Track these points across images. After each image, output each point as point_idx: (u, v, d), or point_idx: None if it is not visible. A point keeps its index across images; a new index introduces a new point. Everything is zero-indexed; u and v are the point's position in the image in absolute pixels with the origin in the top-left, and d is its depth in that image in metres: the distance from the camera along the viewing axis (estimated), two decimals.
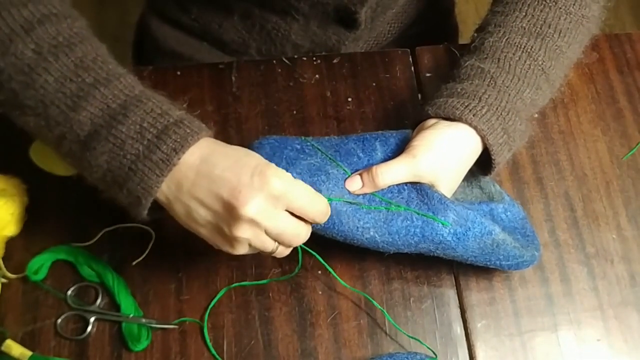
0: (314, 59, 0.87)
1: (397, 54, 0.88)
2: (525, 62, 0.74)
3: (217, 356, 0.70)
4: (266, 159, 0.64)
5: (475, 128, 0.70)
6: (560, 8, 0.77)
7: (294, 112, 0.83)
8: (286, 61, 0.86)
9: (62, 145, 0.64)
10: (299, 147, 0.72)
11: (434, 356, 0.71)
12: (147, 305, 0.72)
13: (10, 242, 0.74)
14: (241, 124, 0.82)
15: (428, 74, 0.87)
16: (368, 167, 0.69)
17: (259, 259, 0.74)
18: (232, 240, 0.62)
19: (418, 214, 0.68)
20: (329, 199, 0.67)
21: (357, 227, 0.67)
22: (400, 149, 0.71)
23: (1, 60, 0.62)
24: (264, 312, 0.73)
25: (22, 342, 0.70)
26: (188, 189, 0.61)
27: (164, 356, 0.70)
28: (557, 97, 0.84)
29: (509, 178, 0.81)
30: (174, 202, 0.62)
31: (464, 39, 1.17)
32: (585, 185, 0.82)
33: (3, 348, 0.69)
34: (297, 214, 0.63)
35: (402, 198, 0.69)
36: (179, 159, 0.61)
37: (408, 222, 0.67)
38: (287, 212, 0.62)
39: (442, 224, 0.67)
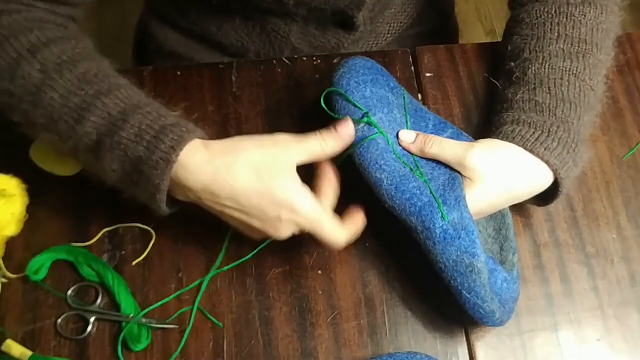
0: (314, 59, 0.87)
1: (397, 54, 0.88)
2: (575, 85, 0.72)
3: (217, 356, 0.70)
4: (354, 73, 0.71)
5: (547, 162, 0.69)
6: (590, 20, 0.76)
7: (294, 112, 0.83)
8: (286, 61, 0.86)
9: (78, 155, 0.68)
10: (392, 85, 0.75)
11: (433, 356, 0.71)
12: (147, 305, 0.72)
13: (10, 242, 0.74)
14: (241, 124, 0.82)
15: (428, 74, 0.87)
16: (428, 134, 0.71)
17: (259, 260, 0.74)
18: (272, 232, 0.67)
19: (430, 191, 0.68)
20: (373, 123, 0.70)
21: (377, 162, 0.69)
22: None
23: (11, 84, 0.65)
24: (264, 312, 0.73)
25: (22, 342, 0.70)
26: (210, 197, 0.65)
27: (164, 356, 0.70)
28: None
29: None
30: (199, 202, 0.66)
31: (464, 39, 1.17)
32: (585, 185, 0.81)
33: (3, 348, 0.69)
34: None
35: (430, 171, 0.70)
36: (177, 156, 0.63)
37: (417, 191, 0.68)
38: None
39: (442, 216, 0.67)
